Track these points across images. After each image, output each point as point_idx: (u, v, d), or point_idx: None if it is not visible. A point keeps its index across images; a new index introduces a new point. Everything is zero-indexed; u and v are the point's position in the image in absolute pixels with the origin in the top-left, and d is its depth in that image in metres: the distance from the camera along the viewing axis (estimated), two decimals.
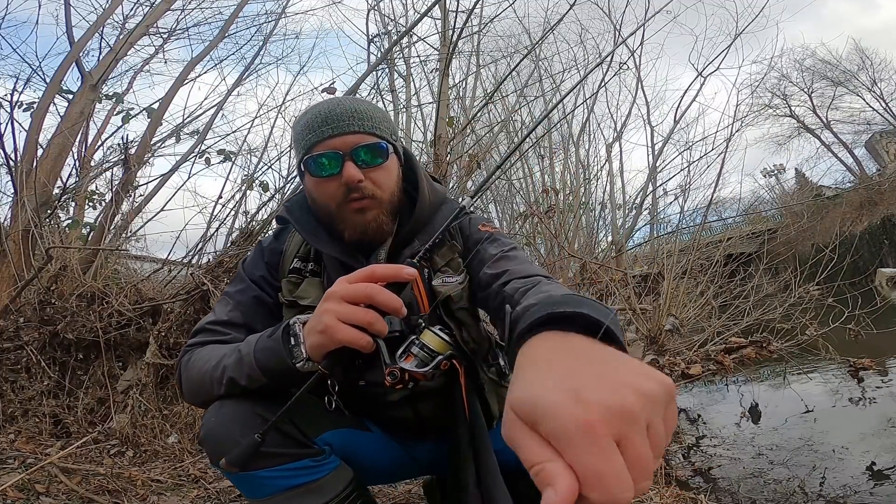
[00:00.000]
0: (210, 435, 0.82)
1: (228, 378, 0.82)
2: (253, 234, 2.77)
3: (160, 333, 2.28)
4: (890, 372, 4.10)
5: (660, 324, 3.33)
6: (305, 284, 0.96)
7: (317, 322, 0.71)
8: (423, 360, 0.79)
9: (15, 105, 2.68)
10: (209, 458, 0.85)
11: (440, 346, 0.80)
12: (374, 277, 0.69)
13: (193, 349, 0.93)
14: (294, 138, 0.97)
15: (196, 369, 0.88)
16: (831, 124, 21.19)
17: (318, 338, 0.71)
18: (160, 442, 2.08)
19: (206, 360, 0.87)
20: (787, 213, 9.46)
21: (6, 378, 2.16)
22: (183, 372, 0.91)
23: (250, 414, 0.81)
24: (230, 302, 0.99)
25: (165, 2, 4.15)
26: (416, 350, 0.79)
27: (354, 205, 0.90)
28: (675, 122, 7.51)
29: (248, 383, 0.80)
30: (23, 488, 1.50)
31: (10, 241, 2.66)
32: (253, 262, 1.04)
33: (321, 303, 0.71)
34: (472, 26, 5.00)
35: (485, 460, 0.83)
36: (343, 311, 0.68)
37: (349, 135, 0.90)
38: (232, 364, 0.82)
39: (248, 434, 0.76)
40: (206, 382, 0.85)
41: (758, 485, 2.29)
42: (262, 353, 0.78)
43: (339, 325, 0.68)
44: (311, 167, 0.91)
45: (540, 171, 9.07)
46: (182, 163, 3.55)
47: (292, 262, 1.00)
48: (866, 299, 3.72)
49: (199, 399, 0.90)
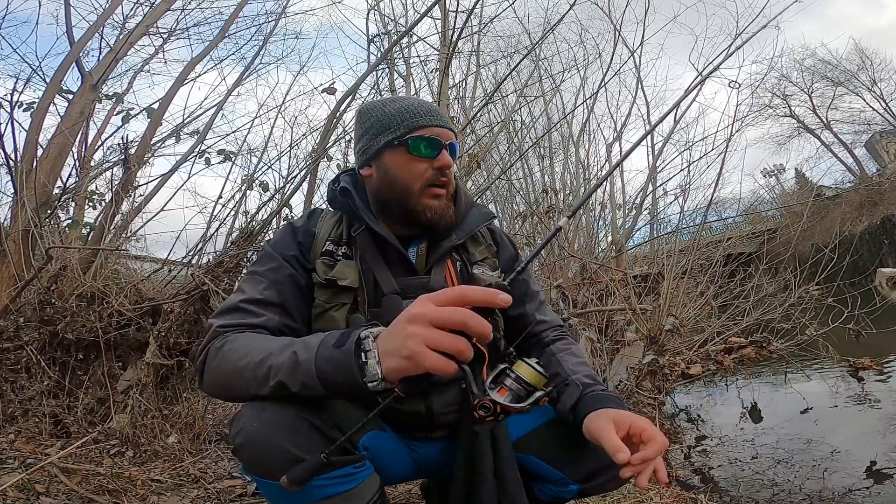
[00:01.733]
0: (252, 443, 0.76)
1: (278, 382, 0.75)
2: (253, 233, 2.77)
3: (160, 333, 2.28)
4: (890, 372, 4.10)
5: (660, 324, 3.32)
6: (341, 266, 0.98)
7: (401, 345, 0.65)
8: (518, 394, 0.74)
9: (15, 105, 2.68)
10: (247, 465, 0.79)
11: (537, 379, 0.76)
12: (466, 301, 0.65)
13: (227, 334, 0.87)
14: (380, 120, 1.02)
15: (232, 361, 0.81)
16: (831, 124, 21.20)
17: (401, 363, 0.65)
18: (160, 442, 2.08)
19: (247, 353, 0.80)
20: (787, 213, 9.46)
21: (6, 378, 2.16)
22: (212, 358, 0.85)
23: (297, 420, 0.77)
24: (263, 280, 0.95)
25: (165, 2, 4.15)
26: (510, 382, 0.75)
27: (437, 190, 0.99)
28: (675, 122, 7.49)
29: (301, 391, 0.74)
30: (23, 488, 1.50)
31: (10, 241, 2.65)
32: (284, 242, 1.01)
33: (405, 322, 0.66)
34: (472, 26, 5.00)
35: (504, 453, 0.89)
36: (433, 338, 0.63)
37: (447, 129, 1.02)
38: (285, 367, 0.75)
39: (300, 445, 0.74)
40: (245, 379, 0.79)
41: (758, 485, 2.29)
42: (327, 365, 0.71)
43: (428, 353, 0.63)
44: (411, 144, 0.98)
45: (540, 171, 9.08)
46: (182, 163, 3.54)
47: (325, 245, 1.01)
48: (866, 299, 3.72)
49: (228, 393, 0.85)
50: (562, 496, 0.99)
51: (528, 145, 7.71)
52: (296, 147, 3.77)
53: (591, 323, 3.68)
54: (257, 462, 0.76)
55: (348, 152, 4.02)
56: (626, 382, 3.09)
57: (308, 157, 3.56)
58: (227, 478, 1.89)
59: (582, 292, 4.26)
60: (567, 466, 0.97)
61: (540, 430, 1.01)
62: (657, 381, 3.02)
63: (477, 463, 0.88)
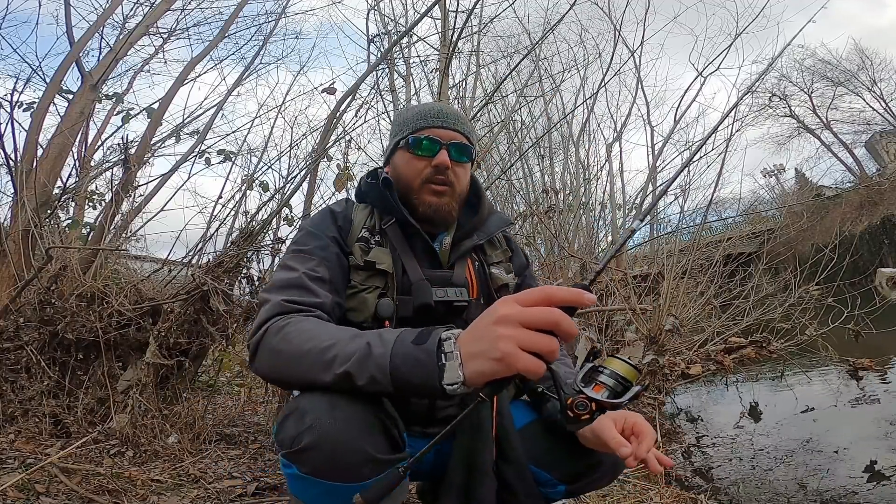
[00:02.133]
0: (327, 442, 0.70)
1: (344, 372, 0.72)
2: (253, 233, 2.77)
3: (160, 333, 2.28)
4: (890, 372, 4.10)
5: (660, 324, 3.32)
6: (376, 251, 1.03)
7: (490, 347, 0.63)
8: (615, 389, 0.73)
9: (15, 105, 2.68)
10: (307, 466, 0.72)
11: (632, 374, 0.75)
12: (553, 301, 0.63)
13: (291, 315, 0.85)
14: (399, 123, 1.13)
15: (296, 343, 0.78)
16: (831, 124, 21.21)
17: (490, 365, 0.63)
18: (160, 442, 2.08)
19: (312, 336, 0.78)
20: (787, 213, 9.44)
21: (6, 378, 2.16)
22: (271, 338, 0.82)
23: (372, 419, 0.73)
24: (313, 257, 0.97)
25: (165, 2, 4.15)
26: (605, 379, 0.74)
27: (435, 186, 1.05)
28: (675, 122, 7.48)
29: (366, 385, 0.71)
30: (23, 488, 1.50)
31: (10, 241, 2.65)
32: (324, 225, 1.05)
33: (492, 324, 0.64)
34: (472, 26, 4.99)
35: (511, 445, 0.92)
36: (525, 339, 0.62)
37: (451, 131, 1.08)
38: (356, 358, 0.72)
39: (376, 445, 0.71)
40: (306, 363, 0.76)
41: (758, 485, 2.29)
42: (404, 362, 0.69)
43: (521, 354, 0.61)
44: (410, 144, 1.07)
45: (540, 171, 9.07)
46: (182, 163, 3.54)
47: (361, 232, 1.06)
48: (866, 299, 3.72)
49: (283, 376, 0.82)
50: (549, 497, 1.00)
51: (528, 145, 7.70)
52: (296, 147, 3.77)
53: (591, 323, 3.68)
54: (333, 464, 0.70)
55: (348, 152, 4.02)
56: None
57: (308, 157, 3.56)
58: (227, 478, 1.89)
59: None
60: (553, 467, 0.98)
61: (524, 430, 1.01)
62: (657, 381, 3.03)
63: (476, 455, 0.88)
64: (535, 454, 0.98)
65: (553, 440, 0.98)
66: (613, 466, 1.01)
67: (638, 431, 0.85)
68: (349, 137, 3.80)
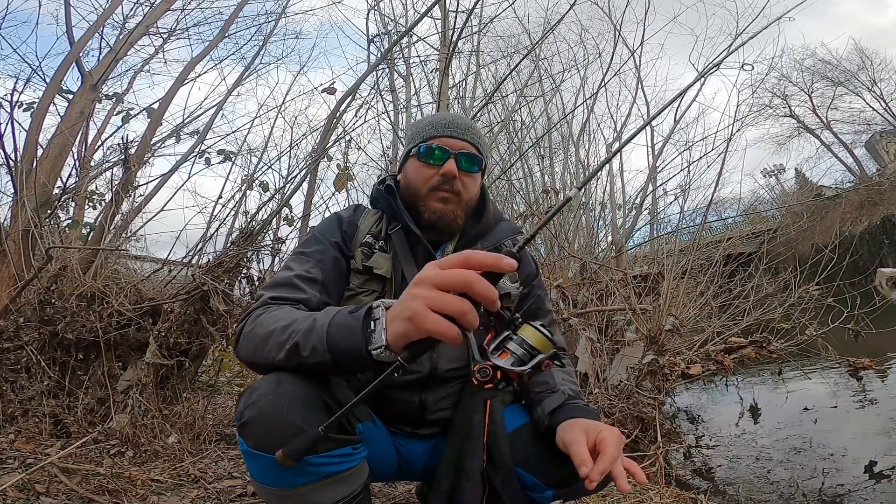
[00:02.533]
0: (262, 418, 0.74)
1: (293, 343, 0.76)
2: (253, 234, 2.77)
3: (160, 333, 2.28)
4: (890, 372, 4.10)
5: (660, 324, 3.32)
6: (377, 256, 1.06)
7: (403, 308, 0.64)
8: (521, 357, 0.69)
9: (15, 105, 2.68)
10: (252, 442, 0.76)
11: (541, 343, 0.70)
12: (470, 264, 0.62)
13: (270, 305, 0.91)
14: (411, 132, 1.17)
15: (264, 327, 0.84)
16: (831, 124, 21.21)
17: (403, 325, 0.64)
18: (160, 442, 2.08)
19: (278, 319, 0.83)
20: (787, 213, 9.44)
21: (6, 378, 2.16)
22: (249, 325, 0.88)
23: (313, 395, 0.76)
24: (310, 259, 1.03)
25: (165, 2, 4.15)
26: (513, 346, 0.69)
27: (442, 194, 1.07)
28: (675, 122, 7.50)
29: (309, 355, 0.75)
30: (23, 488, 1.50)
31: (10, 241, 2.65)
32: (329, 229, 1.10)
33: (410, 286, 0.65)
34: (472, 26, 5.00)
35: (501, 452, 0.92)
36: (435, 298, 0.61)
37: (462, 141, 1.10)
38: (303, 331, 0.77)
39: (311, 422, 0.71)
40: (269, 343, 0.81)
41: (758, 485, 2.29)
42: (337, 330, 0.72)
43: (429, 314, 0.61)
44: (421, 152, 1.09)
45: (540, 171, 9.07)
46: (182, 163, 3.54)
47: (365, 237, 1.10)
48: (866, 299, 3.72)
49: (255, 357, 0.85)
50: (538, 502, 0.98)
51: (528, 145, 7.71)
52: (296, 147, 3.78)
53: (591, 323, 3.68)
54: (266, 437, 0.73)
55: (348, 152, 4.03)
56: (626, 382, 3.09)
57: (308, 157, 3.56)
58: (227, 478, 1.89)
59: (582, 292, 4.25)
60: (542, 473, 0.96)
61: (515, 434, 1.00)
62: (657, 381, 3.02)
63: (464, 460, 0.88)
64: (524, 458, 0.97)
65: (542, 445, 0.97)
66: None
67: (601, 448, 0.81)
68: (349, 137, 3.82)
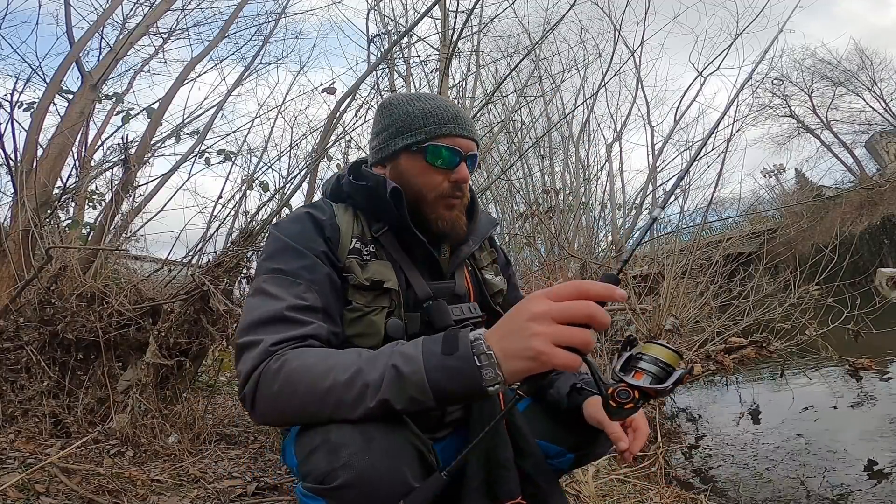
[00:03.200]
0: (365, 479, 0.66)
1: (380, 401, 0.68)
2: (253, 234, 2.77)
3: (160, 333, 2.28)
4: (890, 372, 4.10)
5: (660, 324, 3.33)
6: (377, 266, 0.92)
7: (523, 346, 0.63)
8: (657, 375, 0.70)
9: (15, 105, 2.68)
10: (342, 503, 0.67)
11: (673, 359, 0.71)
12: (588, 296, 0.62)
13: (283, 351, 0.76)
14: (404, 118, 0.97)
15: (305, 384, 0.71)
16: (831, 124, 21.21)
17: (525, 364, 0.63)
18: (160, 442, 2.08)
19: (325, 371, 0.71)
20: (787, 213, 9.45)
21: (6, 378, 2.16)
22: (269, 384, 0.73)
23: (407, 446, 0.71)
24: (298, 282, 0.84)
25: (165, 2, 4.15)
26: (645, 365, 0.71)
27: (452, 201, 0.98)
28: (675, 122, 7.47)
29: (407, 406, 0.68)
30: (23, 488, 1.50)
31: (10, 241, 2.65)
32: (308, 235, 0.90)
33: (524, 320, 0.63)
34: (472, 26, 5.00)
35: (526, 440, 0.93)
36: (558, 335, 0.61)
37: (470, 140, 0.99)
38: (388, 384, 0.68)
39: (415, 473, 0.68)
40: (329, 403, 0.70)
41: (758, 485, 2.29)
42: (443, 376, 0.66)
43: (556, 351, 0.61)
44: (429, 153, 0.95)
45: (540, 171, 9.08)
46: (182, 163, 3.54)
47: (352, 242, 0.93)
48: (866, 299, 3.72)
49: (297, 419, 0.74)
50: (560, 468, 1.04)
51: (528, 145, 7.71)
52: (296, 147, 3.79)
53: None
54: (371, 500, 0.67)
55: (348, 152, 4.03)
56: None
57: (308, 157, 3.57)
58: (227, 478, 1.89)
59: None
60: (562, 440, 1.02)
61: (528, 409, 1.06)
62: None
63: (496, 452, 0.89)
64: (544, 430, 1.02)
65: (554, 417, 1.03)
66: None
67: (636, 426, 0.90)
68: (349, 137, 3.82)
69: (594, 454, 1.07)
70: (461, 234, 1.01)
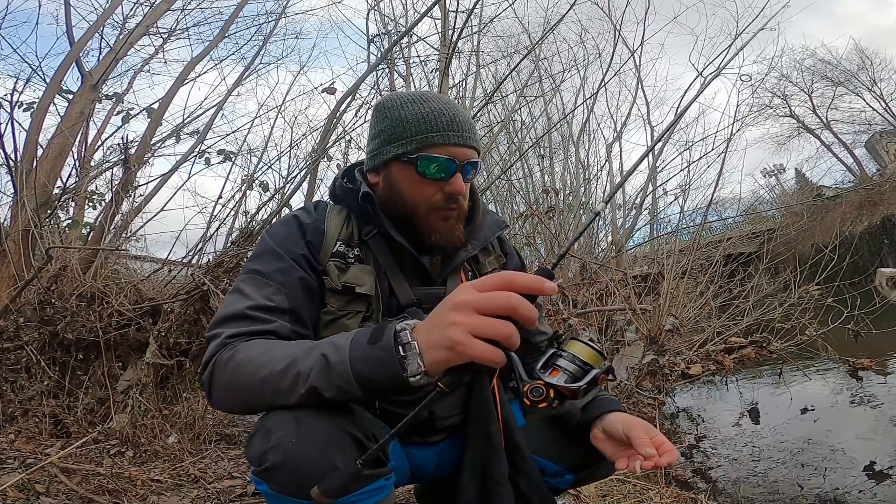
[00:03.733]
0: (289, 460, 0.68)
1: (310, 388, 0.69)
2: (253, 234, 2.77)
3: (160, 333, 2.28)
4: (890, 372, 4.10)
5: (660, 324, 3.33)
6: (356, 270, 0.91)
7: (442, 336, 0.61)
8: (574, 374, 0.68)
9: (15, 105, 2.68)
10: (280, 487, 0.70)
11: (594, 357, 0.69)
12: (513, 287, 0.60)
13: (236, 343, 0.79)
14: (396, 125, 0.92)
15: (249, 373, 0.74)
16: (831, 124, 21.20)
17: (443, 353, 0.61)
18: (160, 442, 2.08)
19: (265, 361, 0.74)
20: (787, 213, 9.45)
21: (6, 378, 2.16)
22: (220, 373, 0.78)
23: (339, 434, 0.71)
24: (269, 283, 0.86)
25: (165, 2, 4.15)
26: (563, 363, 0.69)
27: (446, 213, 0.92)
28: (674, 123, 7.48)
29: (335, 395, 0.69)
30: (23, 488, 1.50)
31: (10, 241, 2.65)
32: (291, 239, 0.91)
33: (447, 311, 0.62)
34: (472, 26, 5.00)
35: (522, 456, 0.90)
36: (478, 325, 0.59)
37: (467, 148, 0.92)
38: (316, 372, 0.69)
39: (343, 460, 0.68)
40: (267, 390, 0.72)
41: (758, 485, 2.29)
42: (366, 365, 0.66)
43: (473, 341, 0.59)
44: (420, 164, 0.89)
45: (540, 171, 9.08)
46: (182, 163, 3.54)
47: (336, 245, 0.93)
48: (866, 299, 3.72)
49: (245, 407, 0.78)
50: (558, 487, 1.00)
51: (528, 145, 7.71)
52: (296, 147, 3.79)
53: (591, 323, 3.68)
54: (299, 482, 0.67)
55: (348, 152, 4.03)
56: (626, 382, 3.10)
57: (308, 157, 3.57)
58: (227, 478, 1.89)
59: (582, 292, 4.26)
60: (561, 458, 0.98)
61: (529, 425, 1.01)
62: (657, 381, 3.03)
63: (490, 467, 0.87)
64: (544, 447, 0.97)
65: (559, 432, 0.98)
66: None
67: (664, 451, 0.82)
68: (349, 137, 3.82)
69: (595, 476, 1.02)
70: (458, 244, 0.96)
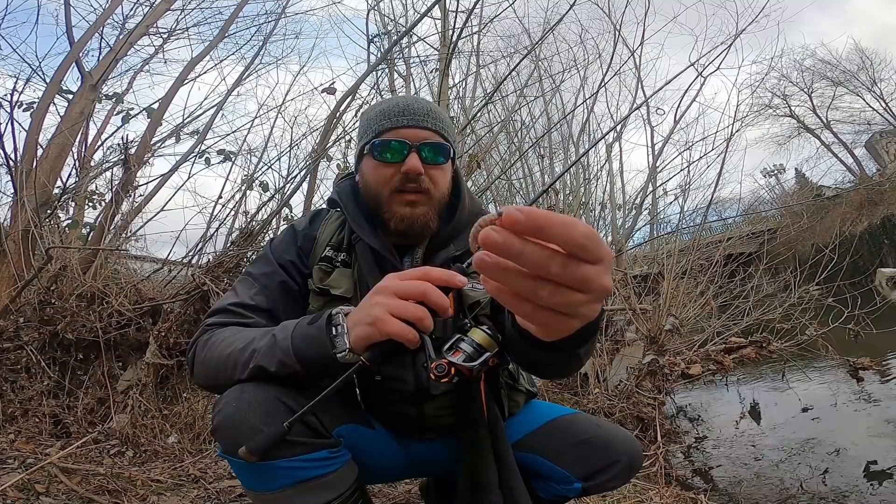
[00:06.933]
0: (227, 422, 0.78)
1: (257, 365, 0.79)
2: (253, 234, 2.77)
3: (160, 333, 2.28)
4: (890, 372, 4.10)
5: (660, 324, 3.33)
6: (337, 274, 0.97)
7: (365, 314, 0.71)
8: (470, 355, 0.78)
9: (15, 105, 2.69)
10: (222, 446, 0.80)
11: (488, 342, 0.80)
12: (428, 278, 0.70)
13: (213, 329, 0.91)
14: (364, 124, 1.01)
15: (217, 351, 0.85)
16: (831, 124, 21.20)
17: (365, 329, 0.71)
18: (160, 442, 2.08)
19: (231, 342, 0.84)
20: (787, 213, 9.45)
21: (6, 378, 2.16)
22: (199, 352, 0.89)
23: (274, 402, 0.78)
24: (255, 285, 0.97)
25: (165, 2, 4.15)
26: (464, 346, 0.79)
27: (408, 196, 0.94)
28: (674, 122, 7.48)
29: (278, 370, 0.78)
30: (23, 488, 1.50)
31: (10, 241, 2.65)
32: (283, 246, 1.01)
33: (371, 294, 0.73)
34: (472, 26, 5.00)
35: (507, 461, 0.90)
36: (394, 305, 0.69)
37: (421, 129, 0.95)
38: (263, 349, 0.80)
39: (271, 424, 0.74)
40: (228, 366, 0.83)
41: (758, 485, 2.29)
42: (302, 341, 0.77)
43: (389, 319, 0.69)
44: (375, 150, 0.94)
45: (540, 171, 9.08)
46: (182, 163, 3.55)
47: (325, 250, 0.99)
48: (866, 299, 3.72)
49: (214, 382, 0.87)
50: (566, 494, 0.99)
51: (528, 145, 7.71)
52: (296, 147, 3.79)
53: None
54: (232, 442, 0.76)
55: (348, 152, 4.03)
56: (626, 382, 3.10)
57: (308, 157, 3.57)
58: (227, 478, 1.89)
59: None
60: (571, 464, 0.97)
61: (542, 429, 1.01)
62: (657, 381, 3.03)
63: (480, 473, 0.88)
64: (554, 451, 0.98)
65: (570, 438, 0.98)
66: (629, 466, 0.99)
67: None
68: (349, 137, 3.81)
69: (606, 485, 0.98)
70: (427, 232, 0.97)
